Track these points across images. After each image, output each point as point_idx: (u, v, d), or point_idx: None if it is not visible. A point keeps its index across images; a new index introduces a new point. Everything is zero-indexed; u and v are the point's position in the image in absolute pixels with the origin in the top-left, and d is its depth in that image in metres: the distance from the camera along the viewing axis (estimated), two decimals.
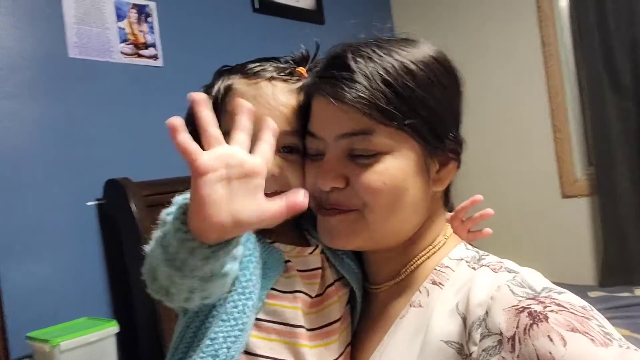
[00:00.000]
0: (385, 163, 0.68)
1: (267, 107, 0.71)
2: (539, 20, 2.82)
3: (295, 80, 0.75)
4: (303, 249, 0.75)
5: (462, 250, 0.75)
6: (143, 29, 2.03)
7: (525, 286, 0.61)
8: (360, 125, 0.67)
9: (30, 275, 1.66)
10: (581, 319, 0.55)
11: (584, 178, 2.79)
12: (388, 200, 0.68)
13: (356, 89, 0.66)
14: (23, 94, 1.72)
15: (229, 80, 0.75)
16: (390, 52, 0.70)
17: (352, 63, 0.68)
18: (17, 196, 1.68)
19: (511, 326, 0.56)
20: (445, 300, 0.67)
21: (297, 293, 0.71)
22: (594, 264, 2.74)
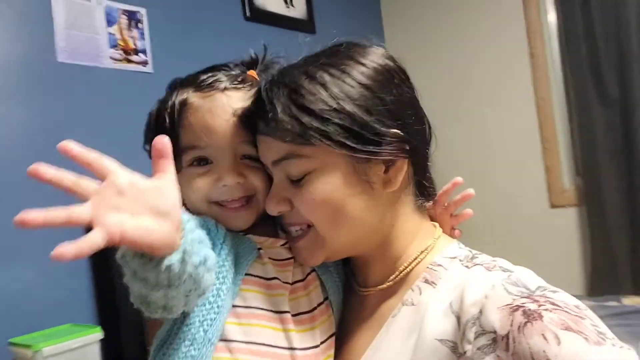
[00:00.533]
0: (314, 182, 0.69)
1: (223, 118, 0.73)
2: (527, 32, 2.86)
3: (249, 86, 0.77)
4: (275, 240, 0.76)
5: (455, 249, 0.76)
6: (133, 34, 2.03)
7: (520, 285, 0.61)
8: (282, 152, 0.69)
9: (14, 280, 1.64)
10: (575, 318, 0.55)
11: (572, 188, 2.82)
12: (327, 215, 0.70)
13: (273, 119, 0.68)
14: (10, 98, 1.71)
15: (184, 95, 0.75)
16: (307, 69, 0.70)
17: (266, 95, 0.70)
18: (3, 199, 1.66)
19: (505, 324, 0.56)
20: (439, 299, 0.67)
21: (273, 280, 0.73)
22: (581, 273, 2.76)
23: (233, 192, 0.73)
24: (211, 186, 0.73)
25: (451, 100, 3.11)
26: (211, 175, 0.74)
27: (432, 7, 3.19)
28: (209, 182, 0.73)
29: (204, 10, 2.33)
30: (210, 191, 0.73)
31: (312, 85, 0.68)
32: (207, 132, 0.73)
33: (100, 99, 1.92)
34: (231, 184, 0.73)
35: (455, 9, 3.10)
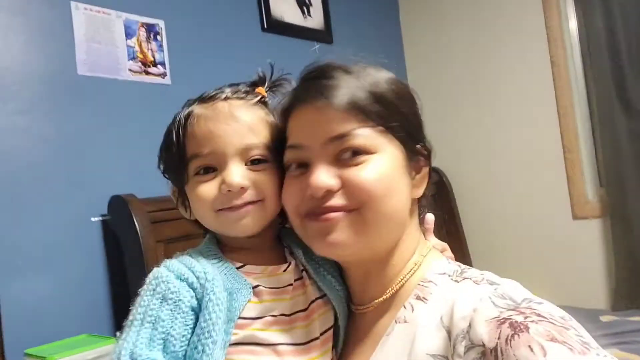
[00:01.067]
0: (374, 161, 0.70)
1: (225, 123, 0.74)
2: (548, 40, 2.82)
3: (252, 97, 0.79)
4: (276, 268, 0.76)
5: (444, 265, 0.76)
6: (152, 47, 2.05)
7: (507, 297, 0.63)
8: (348, 127, 0.70)
9: (32, 291, 1.66)
10: (560, 329, 0.56)
11: (595, 199, 2.75)
12: (381, 198, 0.70)
13: (341, 92, 0.70)
14: (32, 110, 1.74)
15: (188, 108, 0.78)
16: (360, 70, 0.75)
17: (334, 72, 0.73)
18: (22, 210, 1.69)
19: (493, 337, 0.58)
20: (430, 315, 0.68)
21: (267, 317, 0.72)
22: (605, 287, 2.69)
23: (238, 198, 0.73)
24: (216, 193, 0.74)
25: (471, 109, 3.08)
26: (215, 182, 0.74)
27: (452, 17, 3.17)
28: (214, 188, 0.74)
29: (222, 22, 2.35)
30: (216, 198, 0.73)
31: (376, 80, 0.73)
32: (209, 138, 0.74)
33: (119, 111, 1.94)
34: (235, 189, 0.72)
35: (475, 18, 3.07)
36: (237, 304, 0.69)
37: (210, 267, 0.71)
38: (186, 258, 0.72)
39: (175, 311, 0.66)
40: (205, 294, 0.67)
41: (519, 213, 2.93)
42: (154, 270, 0.71)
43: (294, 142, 0.74)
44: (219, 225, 0.76)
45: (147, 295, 0.68)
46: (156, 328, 0.65)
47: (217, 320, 0.66)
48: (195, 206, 0.77)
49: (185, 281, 0.68)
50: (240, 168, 0.74)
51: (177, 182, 0.79)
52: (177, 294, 0.67)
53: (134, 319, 0.66)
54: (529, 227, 2.90)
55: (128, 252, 1.77)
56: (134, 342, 0.64)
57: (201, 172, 0.75)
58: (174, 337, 0.65)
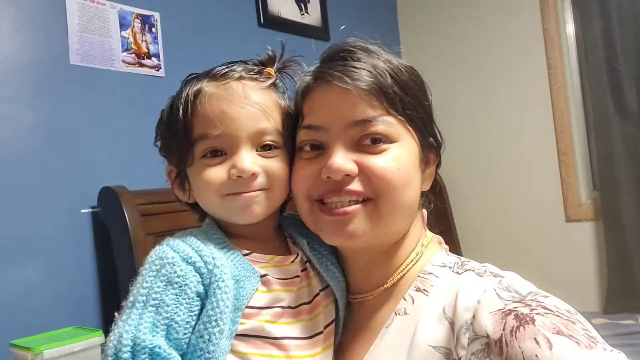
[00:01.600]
0: (395, 151, 0.69)
1: (239, 105, 0.71)
2: (545, 43, 2.81)
3: (265, 78, 0.75)
4: (284, 258, 0.74)
5: (444, 257, 0.76)
6: (146, 39, 2.03)
7: (512, 290, 0.62)
8: (373, 113, 0.68)
9: (19, 282, 1.63)
10: (566, 322, 0.55)
11: (589, 202, 2.76)
12: (400, 189, 0.69)
13: (368, 76, 0.68)
14: (22, 99, 1.72)
15: (198, 85, 0.74)
16: (382, 52, 0.74)
17: (360, 54, 0.71)
18: (10, 200, 1.66)
19: (498, 329, 0.57)
20: (431, 307, 0.67)
21: (276, 308, 0.69)
22: (597, 290, 2.69)
23: (248, 184, 0.70)
24: (224, 177, 0.70)
25: (466, 110, 3.08)
26: (224, 166, 0.71)
27: (449, 16, 3.17)
28: (222, 173, 0.70)
29: (218, 15, 2.33)
30: (223, 183, 0.70)
31: (399, 67, 0.72)
32: (222, 120, 0.70)
33: (112, 103, 1.92)
34: (246, 175, 0.69)
35: (472, 19, 3.07)
36: (245, 292, 0.67)
37: (218, 252, 0.68)
38: (192, 239, 0.69)
39: (181, 296, 0.63)
40: (213, 280, 0.64)
41: (512, 214, 2.93)
42: (157, 249, 0.68)
43: (313, 122, 0.72)
44: (224, 210, 0.73)
45: (150, 275, 0.64)
46: (160, 313, 0.62)
47: (224, 309, 0.63)
48: (200, 190, 0.73)
49: (192, 265, 0.65)
50: (252, 154, 0.71)
51: (178, 162, 0.75)
52: (183, 278, 0.64)
53: (135, 300, 0.63)
54: (522, 228, 2.90)
55: (117, 244, 1.75)
56: (136, 325, 0.61)
57: (208, 154, 0.71)
58: (177, 324, 0.62)
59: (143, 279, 0.65)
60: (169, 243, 0.68)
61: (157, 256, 0.66)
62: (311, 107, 0.73)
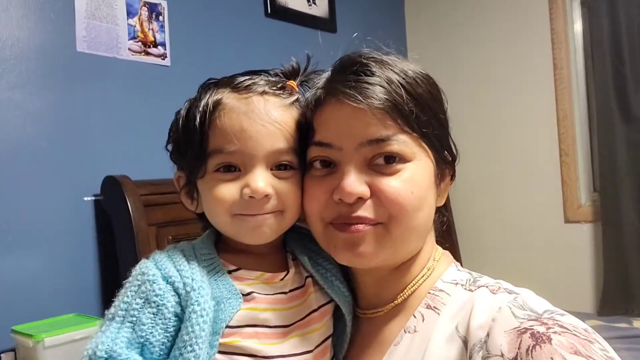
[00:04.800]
0: (410, 171, 0.67)
1: (260, 123, 0.68)
2: (552, 42, 2.80)
3: (287, 95, 0.73)
4: (273, 276, 0.72)
5: (455, 272, 0.74)
6: (153, 27, 2.03)
7: (527, 308, 0.60)
8: (388, 131, 0.66)
9: (22, 268, 1.65)
10: (584, 342, 0.54)
11: (588, 204, 2.76)
12: (412, 213, 0.66)
13: (382, 93, 0.65)
14: (28, 86, 1.72)
15: (218, 95, 0.70)
16: (396, 63, 0.70)
17: (374, 67, 0.67)
18: (15, 187, 1.67)
19: (513, 347, 0.55)
20: (443, 326, 0.66)
21: (262, 328, 0.68)
22: (593, 291, 2.70)
23: (260, 206, 0.68)
24: (236, 196, 0.68)
25: (470, 106, 3.07)
26: (237, 184, 0.68)
27: (457, 9, 3.14)
28: (234, 191, 0.68)
29: (225, 5, 2.31)
30: (235, 202, 0.68)
31: (415, 79, 0.69)
32: (240, 136, 0.67)
33: (117, 91, 1.92)
34: (259, 196, 0.67)
35: (480, 13, 3.05)
36: (225, 315, 0.65)
37: (199, 271, 0.66)
38: (177, 255, 0.68)
39: (157, 316, 0.63)
40: (189, 303, 0.63)
41: (512, 213, 2.94)
42: (142, 264, 0.67)
43: (324, 139, 0.69)
44: (232, 229, 0.71)
45: (131, 291, 0.64)
46: (136, 331, 0.62)
47: (200, 333, 0.61)
48: (210, 205, 0.71)
49: (171, 285, 0.64)
50: (266, 174, 0.69)
51: (190, 172, 0.72)
52: (161, 297, 0.63)
53: (115, 314, 0.64)
54: (520, 227, 2.91)
55: (119, 234, 1.76)
56: (113, 339, 0.61)
57: (222, 169, 0.69)
58: (152, 345, 0.62)
59: (125, 292, 0.65)
60: (155, 258, 0.68)
61: (140, 271, 0.66)
62: (321, 123, 0.70)
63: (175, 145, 0.75)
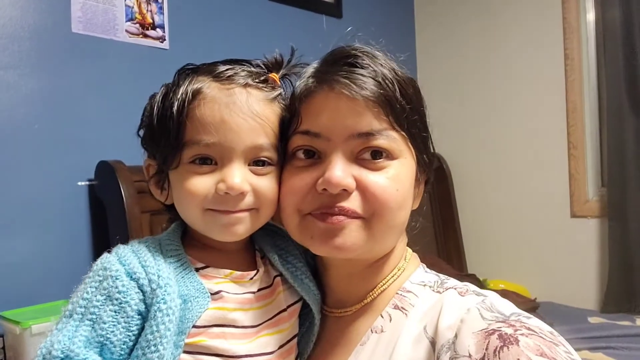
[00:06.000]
0: (395, 169, 0.66)
1: (241, 116, 0.65)
2: (564, 31, 2.72)
3: (270, 88, 0.70)
4: (243, 274, 0.69)
5: (423, 274, 0.74)
6: (152, 8, 1.98)
7: (494, 311, 0.61)
8: (379, 125, 0.65)
9: (12, 252, 1.62)
10: (550, 344, 0.55)
11: (595, 199, 2.70)
12: (395, 210, 0.66)
13: (375, 85, 0.65)
14: (21, 66, 1.68)
15: (198, 83, 0.67)
16: (387, 61, 0.70)
17: (366, 60, 0.67)
18: (6, 169, 1.64)
19: (480, 348, 0.56)
20: (411, 327, 0.66)
21: (229, 327, 0.65)
22: (597, 288, 2.66)
23: (234, 203, 0.66)
24: (210, 191, 0.65)
25: (479, 96, 3.02)
26: (212, 178, 0.66)
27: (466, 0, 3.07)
28: (209, 185, 0.65)
29: None
30: (208, 197, 0.65)
31: (405, 78, 0.69)
32: (219, 128, 0.65)
33: (114, 74, 1.88)
34: (235, 193, 0.65)
35: (491, 1, 2.98)
36: (191, 315, 0.62)
37: (166, 267, 0.63)
38: (142, 250, 0.65)
39: (119, 314, 0.59)
40: (155, 301, 0.60)
41: (517, 206, 2.89)
42: (104, 258, 0.64)
43: (312, 128, 0.67)
44: (203, 225, 0.68)
45: (92, 287, 0.61)
46: (95, 329, 0.59)
47: (165, 333, 0.59)
48: (181, 198, 0.68)
49: (135, 281, 0.61)
50: (244, 169, 0.66)
51: (162, 161, 0.69)
52: (124, 294, 0.60)
53: (73, 311, 0.60)
54: (525, 221, 2.86)
55: (112, 220, 1.73)
56: (70, 337, 0.58)
57: (197, 161, 0.66)
58: (112, 344, 0.59)
59: (85, 288, 0.61)
60: (118, 252, 0.65)
61: (102, 266, 0.63)
62: (311, 112, 0.68)
63: (148, 131, 0.72)
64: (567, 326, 2.21)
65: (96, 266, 0.63)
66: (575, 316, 2.38)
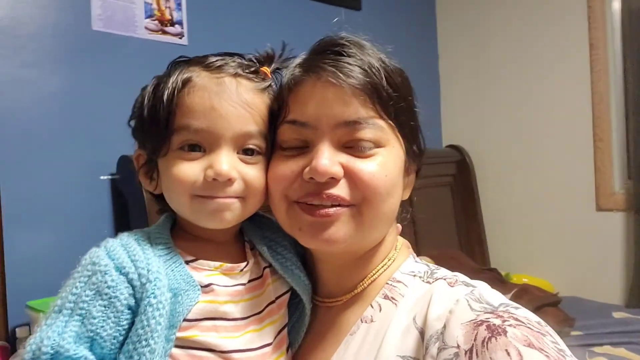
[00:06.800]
0: (383, 156, 0.67)
1: (230, 104, 0.66)
2: (589, 21, 2.66)
3: (260, 79, 0.71)
4: (233, 267, 0.69)
5: (412, 264, 0.75)
6: (170, 5, 2.01)
7: (483, 301, 0.61)
8: (365, 114, 0.65)
9: (38, 244, 1.68)
10: (537, 335, 0.55)
11: (622, 192, 2.64)
12: (385, 196, 0.66)
13: (362, 74, 0.65)
14: (43, 64, 1.73)
15: (188, 73, 0.69)
16: (375, 50, 0.70)
17: (353, 49, 0.67)
18: (32, 165, 1.69)
19: (469, 339, 0.56)
20: (400, 317, 0.66)
21: (221, 320, 0.65)
22: (622, 283, 2.60)
23: (222, 189, 0.66)
24: (198, 177, 0.66)
25: (502, 87, 2.98)
26: (200, 164, 0.66)
27: None
28: (197, 171, 0.66)
29: None
30: (196, 183, 0.66)
31: (393, 68, 0.69)
32: (209, 115, 0.65)
33: (134, 70, 1.91)
34: (223, 179, 0.65)
35: None
36: (182, 308, 0.62)
37: (156, 261, 0.63)
38: (131, 243, 0.65)
39: (109, 309, 0.59)
40: (145, 296, 0.60)
41: (542, 199, 2.85)
42: (93, 252, 0.64)
43: (299, 118, 0.67)
44: (191, 212, 0.68)
45: (81, 282, 0.61)
46: (85, 325, 0.58)
47: (156, 327, 0.59)
48: (169, 185, 0.68)
49: (125, 275, 0.61)
50: (232, 156, 0.67)
51: (152, 150, 0.70)
52: (113, 289, 0.60)
53: (62, 306, 0.60)
54: (550, 214, 2.82)
55: (133, 211, 1.78)
56: (59, 333, 0.57)
57: (186, 147, 0.67)
58: (102, 339, 0.59)
59: (74, 283, 0.61)
60: (107, 246, 0.64)
61: (90, 260, 0.62)
62: (298, 101, 0.68)
63: (138, 121, 0.74)
64: (591, 321, 2.18)
65: (85, 260, 0.63)
66: (600, 311, 2.35)
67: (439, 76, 3.26)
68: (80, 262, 0.64)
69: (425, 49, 3.18)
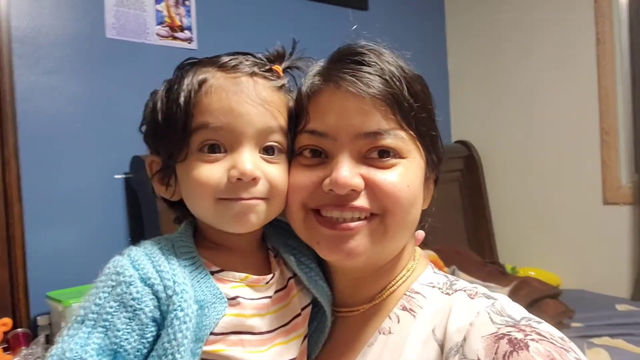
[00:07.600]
0: (404, 167, 0.65)
1: (250, 103, 0.64)
2: (595, 15, 2.67)
3: (276, 77, 0.69)
4: (259, 279, 0.66)
5: (431, 275, 0.73)
6: (180, 12, 2.11)
7: (504, 315, 0.60)
8: (386, 125, 0.64)
9: (57, 239, 1.81)
10: (560, 350, 0.54)
11: (629, 185, 2.65)
12: (407, 207, 0.65)
13: (382, 84, 0.64)
14: (63, 71, 1.85)
15: (202, 74, 0.66)
16: (395, 58, 0.68)
17: (373, 58, 0.65)
18: (53, 165, 1.82)
19: (490, 352, 0.55)
20: (419, 329, 0.65)
21: (247, 335, 0.63)
22: (629, 276, 2.61)
23: (247, 190, 0.63)
24: (222, 179, 0.63)
25: (510, 83, 3.00)
26: (223, 165, 0.63)
27: None
28: (220, 172, 0.63)
29: None
30: (220, 185, 0.62)
31: (414, 77, 0.68)
32: (228, 114, 0.63)
33: (145, 74, 2.01)
34: (248, 178, 0.62)
35: None
36: (209, 322, 0.60)
37: (181, 271, 0.61)
38: (155, 252, 0.62)
39: (134, 321, 0.57)
40: (171, 309, 0.57)
41: (549, 193, 2.87)
42: (117, 262, 0.61)
43: (318, 128, 0.66)
44: (216, 216, 0.65)
45: (104, 292, 0.58)
46: (109, 337, 0.56)
47: (183, 341, 0.56)
48: (190, 189, 0.65)
49: (150, 287, 0.58)
50: (255, 154, 0.64)
51: (168, 155, 0.65)
52: (138, 301, 0.57)
53: (85, 317, 0.58)
54: (557, 208, 2.84)
55: (146, 209, 1.89)
56: (82, 345, 0.56)
57: (206, 149, 0.63)
58: (127, 352, 0.56)
59: (97, 293, 0.59)
60: (130, 255, 0.61)
61: (114, 270, 0.60)
62: (317, 111, 0.67)
63: (152, 127, 0.70)
64: (593, 313, 2.21)
65: (108, 270, 0.61)
66: (603, 303, 2.37)
67: (448, 72, 3.30)
68: (103, 271, 0.61)
69: (434, 46, 3.22)
